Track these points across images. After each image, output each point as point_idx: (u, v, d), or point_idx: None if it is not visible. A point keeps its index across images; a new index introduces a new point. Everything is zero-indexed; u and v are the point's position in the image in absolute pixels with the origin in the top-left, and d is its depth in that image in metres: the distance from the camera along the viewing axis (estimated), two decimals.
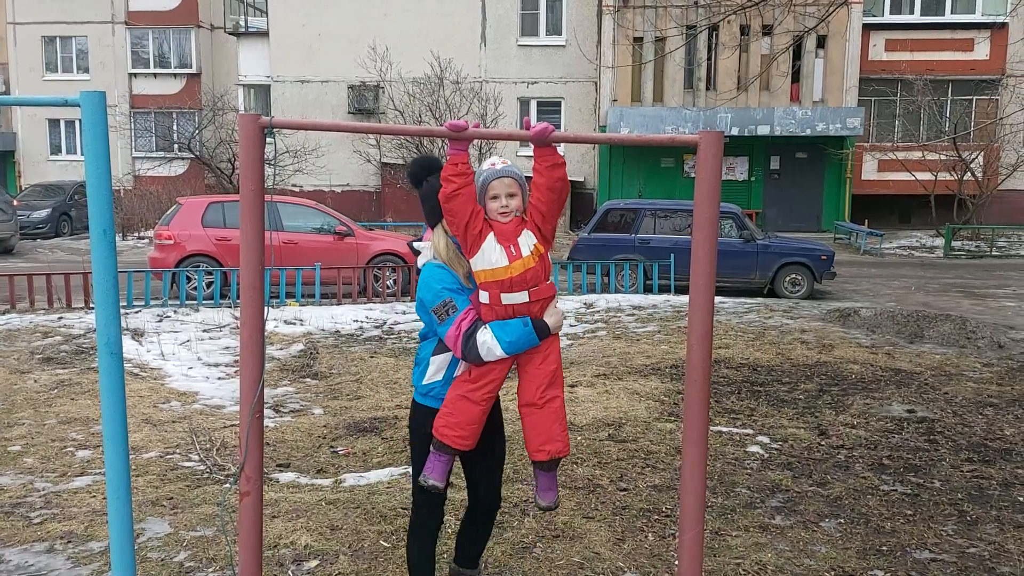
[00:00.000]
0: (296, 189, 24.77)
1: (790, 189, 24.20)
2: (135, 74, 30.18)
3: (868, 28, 23.90)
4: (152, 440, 5.69)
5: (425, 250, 3.02)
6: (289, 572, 3.75)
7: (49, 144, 30.73)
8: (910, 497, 4.72)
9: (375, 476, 4.99)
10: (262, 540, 2.68)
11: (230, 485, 4.63)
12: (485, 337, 2.81)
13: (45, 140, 30.70)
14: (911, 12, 24.46)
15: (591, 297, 11.98)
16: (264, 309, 2.54)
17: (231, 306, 10.86)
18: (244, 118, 2.44)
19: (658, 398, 6.77)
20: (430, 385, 3.00)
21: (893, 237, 22.05)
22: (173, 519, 4.33)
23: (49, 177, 28.61)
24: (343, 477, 4.99)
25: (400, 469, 5.07)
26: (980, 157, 21.93)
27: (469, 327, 2.82)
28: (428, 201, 2.93)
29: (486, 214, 2.86)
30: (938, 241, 21.54)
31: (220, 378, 7.74)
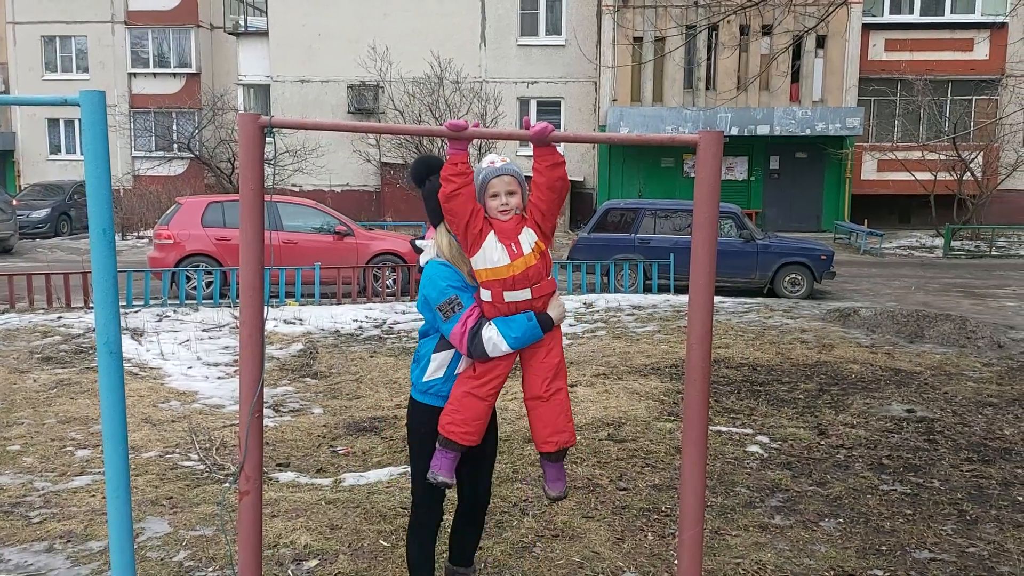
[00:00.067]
0: (296, 189, 24.77)
1: (790, 189, 24.20)
2: (135, 74, 30.18)
3: (868, 28, 23.89)
4: (151, 440, 5.69)
5: (428, 248, 3.04)
6: (289, 571, 3.75)
7: (48, 144, 30.73)
8: (910, 497, 4.73)
9: (375, 476, 4.99)
10: (262, 539, 2.68)
11: (230, 484, 4.62)
12: (491, 333, 2.84)
13: (44, 140, 30.69)
14: (911, 12, 24.46)
15: (591, 297, 11.98)
16: (264, 309, 2.54)
17: (231, 306, 10.85)
18: (244, 118, 2.44)
19: (658, 398, 6.77)
20: (430, 382, 3.01)
21: (893, 237, 22.06)
22: (172, 518, 4.32)
23: (48, 177, 28.61)
24: (343, 477, 4.99)
25: (400, 469, 5.07)
26: (980, 157, 21.94)
27: (475, 324, 2.85)
28: (431, 200, 2.94)
29: (486, 212, 2.87)
30: (938, 241, 21.54)
31: (220, 378, 7.74)
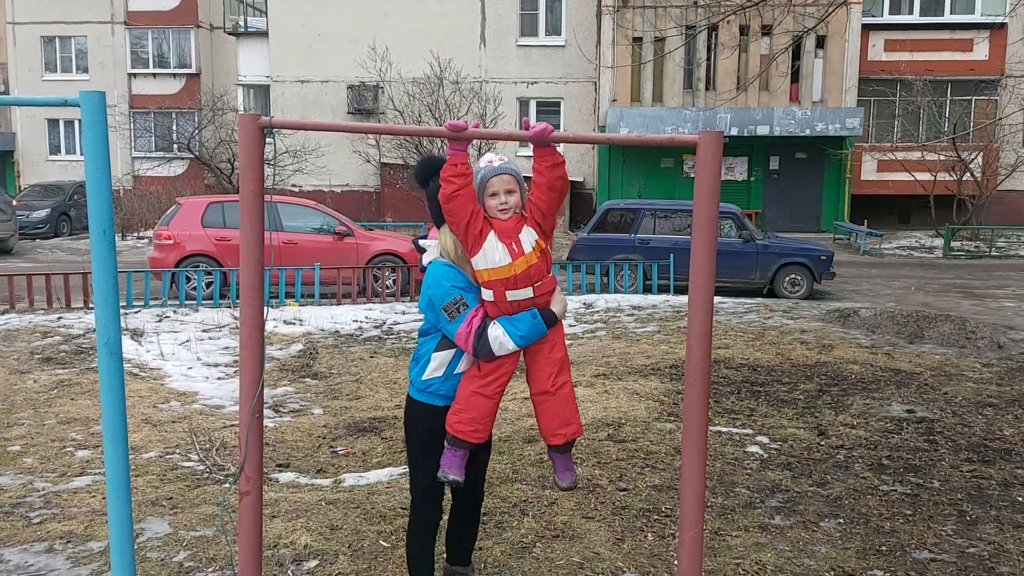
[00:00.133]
0: (296, 189, 24.77)
1: (789, 189, 24.21)
2: (134, 74, 30.19)
3: (867, 28, 23.90)
4: (152, 440, 5.69)
5: (431, 248, 3.05)
6: (289, 572, 3.75)
7: (48, 144, 30.74)
8: (910, 497, 4.73)
9: (375, 476, 4.99)
10: (262, 540, 2.68)
11: (230, 485, 4.62)
12: (497, 332, 2.86)
13: (44, 140, 30.70)
14: (910, 12, 24.47)
15: (591, 297, 11.98)
16: (264, 309, 2.54)
17: (231, 306, 10.86)
18: (244, 118, 2.44)
19: (658, 398, 6.77)
20: (429, 381, 3.02)
21: (892, 237, 22.06)
22: (173, 519, 4.32)
23: (48, 177, 28.62)
24: (343, 477, 4.99)
25: (400, 469, 5.07)
26: (979, 157, 21.95)
27: (480, 324, 2.87)
28: (434, 201, 2.96)
29: (485, 212, 2.87)
30: (937, 241, 21.54)
31: (220, 378, 7.74)
